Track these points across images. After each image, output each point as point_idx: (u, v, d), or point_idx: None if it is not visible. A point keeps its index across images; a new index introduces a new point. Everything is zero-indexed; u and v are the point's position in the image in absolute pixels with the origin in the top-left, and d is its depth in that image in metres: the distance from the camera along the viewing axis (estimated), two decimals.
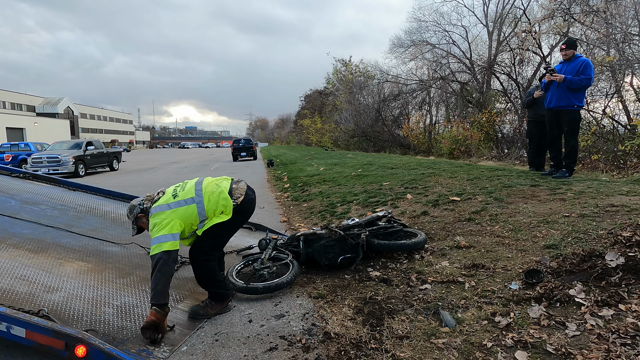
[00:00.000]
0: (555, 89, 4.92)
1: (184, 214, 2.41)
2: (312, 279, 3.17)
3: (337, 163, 12.12)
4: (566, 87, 4.77)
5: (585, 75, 4.68)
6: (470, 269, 2.88)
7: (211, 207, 2.48)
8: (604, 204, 3.51)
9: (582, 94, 4.93)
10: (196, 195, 2.48)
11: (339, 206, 5.82)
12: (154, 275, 2.22)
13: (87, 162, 14.88)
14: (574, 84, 4.68)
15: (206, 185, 2.56)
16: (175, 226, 2.34)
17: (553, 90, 4.96)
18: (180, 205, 2.43)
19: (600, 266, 2.35)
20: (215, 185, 2.58)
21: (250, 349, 2.14)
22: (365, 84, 26.48)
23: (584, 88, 4.81)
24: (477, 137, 13.44)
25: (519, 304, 2.29)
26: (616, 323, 1.91)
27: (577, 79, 4.67)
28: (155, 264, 2.23)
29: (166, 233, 2.29)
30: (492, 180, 5.44)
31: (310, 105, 43.12)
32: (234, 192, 2.58)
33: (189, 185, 2.57)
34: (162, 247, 2.25)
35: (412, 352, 1.98)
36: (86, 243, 3.39)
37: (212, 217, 2.50)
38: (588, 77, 4.68)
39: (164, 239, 2.28)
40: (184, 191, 2.52)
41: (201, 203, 2.47)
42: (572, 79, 4.69)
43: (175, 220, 2.36)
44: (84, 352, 1.96)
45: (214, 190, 2.53)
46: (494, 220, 3.70)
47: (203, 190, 2.52)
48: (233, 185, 2.63)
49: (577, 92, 4.81)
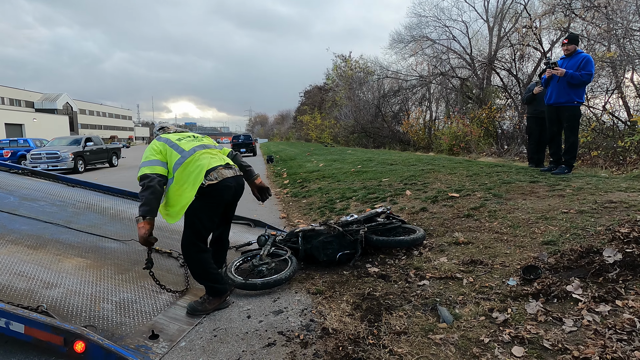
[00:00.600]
0: (555, 84, 4.91)
1: (170, 155, 2.56)
2: (310, 275, 3.18)
3: (337, 159, 12.11)
4: (566, 82, 4.76)
5: (586, 70, 4.67)
6: (469, 265, 2.88)
7: (184, 173, 2.50)
8: (603, 200, 3.52)
9: (582, 90, 4.92)
10: (187, 152, 2.57)
11: (338, 202, 5.82)
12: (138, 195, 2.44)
13: (87, 158, 14.87)
14: (575, 79, 4.67)
15: (202, 153, 2.60)
16: (155, 156, 2.54)
17: (553, 86, 4.95)
18: (172, 148, 2.58)
19: (597, 262, 2.35)
20: (209, 158, 2.60)
21: (248, 345, 2.15)
22: (365, 80, 26.40)
23: (584, 84, 4.80)
24: (476, 133, 13.43)
25: (517, 300, 2.30)
26: (613, 319, 1.92)
27: (577, 74, 4.66)
28: (140, 186, 2.45)
29: (144, 160, 2.54)
30: (491, 176, 5.44)
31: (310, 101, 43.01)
32: (214, 173, 2.52)
33: (195, 142, 2.68)
34: (140, 171, 2.48)
35: (409, 347, 1.99)
36: (85, 239, 3.39)
37: (179, 183, 2.49)
38: (589, 73, 4.67)
39: (142, 165, 2.51)
40: (187, 143, 2.63)
41: (181, 161, 2.53)
42: (573, 73, 4.67)
43: (160, 155, 2.55)
44: (82, 348, 1.97)
45: (202, 163, 2.53)
46: (493, 217, 3.71)
47: (196, 154, 2.58)
48: (220, 166, 2.58)
49: (578, 88, 4.80)
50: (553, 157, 5.40)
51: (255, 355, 2.03)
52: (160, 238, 3.76)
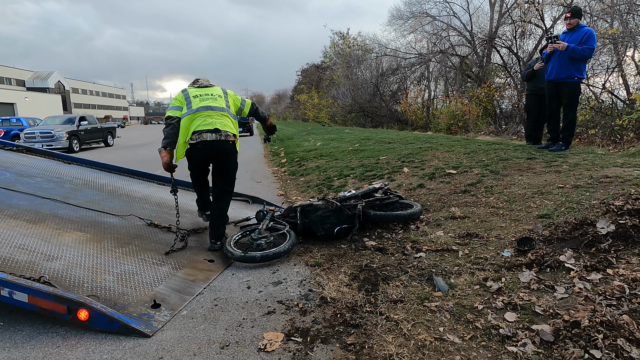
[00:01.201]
0: (556, 60, 4.85)
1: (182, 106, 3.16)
2: (309, 248, 3.22)
3: (334, 138, 12.04)
4: (567, 58, 4.70)
5: (587, 45, 4.61)
6: (464, 238, 2.93)
7: (183, 126, 3.07)
8: (599, 175, 3.55)
9: (583, 66, 4.87)
10: (191, 110, 3.09)
11: (335, 180, 5.83)
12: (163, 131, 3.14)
13: (81, 137, 14.69)
14: (577, 53, 4.61)
15: (201, 114, 3.07)
16: (176, 104, 3.21)
17: (554, 61, 4.89)
18: (186, 101, 3.15)
19: (591, 234, 2.40)
20: (203, 120, 3.04)
21: (249, 313, 2.20)
22: (363, 58, 25.91)
23: (585, 58, 4.76)
24: (475, 113, 13.33)
25: (511, 270, 2.35)
26: (603, 286, 1.97)
27: (579, 49, 4.60)
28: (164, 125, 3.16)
29: (170, 106, 3.23)
30: (489, 153, 5.45)
31: (307, 80, 42.31)
32: (196, 135, 3.01)
33: (203, 103, 3.12)
34: (166, 114, 3.18)
35: (405, 314, 2.05)
36: (84, 214, 3.40)
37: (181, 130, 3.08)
38: (590, 48, 4.61)
39: (168, 109, 3.21)
40: (198, 103, 3.12)
41: (185, 115, 3.09)
42: (574, 47, 4.61)
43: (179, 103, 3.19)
44: (86, 316, 2.02)
45: (193, 123, 3.05)
46: (489, 192, 3.74)
47: (196, 114, 3.06)
48: (205, 130, 3.01)
49: (578, 63, 4.75)
50: (551, 134, 5.39)
51: (256, 323, 2.09)
52: (160, 214, 3.79)
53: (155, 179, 4.87)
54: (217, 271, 2.81)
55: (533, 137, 6.26)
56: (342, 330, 1.97)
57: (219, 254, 3.10)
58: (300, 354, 1.80)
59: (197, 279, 2.64)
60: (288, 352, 1.82)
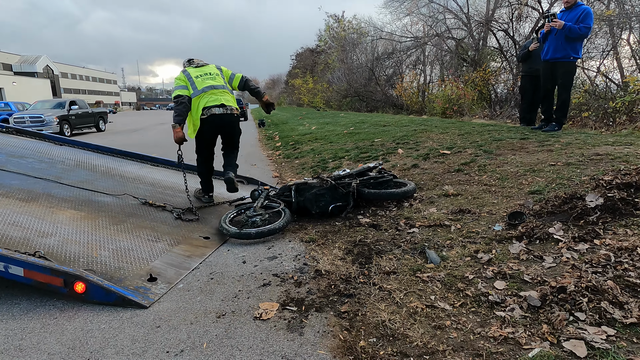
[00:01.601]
0: (553, 39, 4.81)
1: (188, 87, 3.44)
2: (303, 226, 3.25)
3: (329, 122, 11.98)
4: (564, 37, 4.68)
5: (585, 24, 4.58)
6: (457, 214, 2.98)
7: (194, 106, 3.42)
8: (590, 153, 3.59)
9: (580, 45, 4.85)
10: (198, 91, 3.41)
11: (330, 162, 5.84)
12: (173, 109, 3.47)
13: (72, 122, 14.44)
14: (573, 32, 4.58)
15: (208, 94, 3.41)
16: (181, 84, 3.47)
17: (551, 40, 4.86)
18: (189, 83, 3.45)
19: (580, 207, 2.45)
20: (210, 97, 3.40)
21: (244, 285, 2.23)
22: (359, 41, 25.56)
23: (582, 37, 4.74)
24: (470, 96, 13.31)
25: (501, 243, 2.40)
26: (590, 255, 2.03)
27: (576, 27, 4.57)
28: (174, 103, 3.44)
29: (175, 86, 3.49)
30: (483, 134, 5.47)
31: (302, 64, 41.70)
32: (206, 110, 3.37)
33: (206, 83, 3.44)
34: (174, 93, 3.45)
35: (398, 284, 2.10)
36: (77, 193, 3.38)
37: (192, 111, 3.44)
38: (587, 26, 4.58)
39: (175, 89, 3.47)
40: (202, 82, 3.44)
41: (193, 95, 3.42)
42: (571, 26, 4.58)
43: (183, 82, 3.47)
44: (83, 288, 2.04)
45: (202, 101, 3.39)
46: (482, 171, 3.78)
47: (203, 94, 3.41)
48: (214, 106, 3.38)
49: (575, 43, 4.72)
50: (545, 115, 5.41)
51: (251, 294, 2.12)
52: (154, 194, 3.78)
53: (148, 160, 4.84)
54: (213, 247, 2.83)
55: (527, 118, 6.28)
56: (336, 299, 2.02)
57: (214, 231, 3.12)
58: (295, 321, 1.84)
59: (193, 255, 2.66)
60: (283, 320, 1.86)
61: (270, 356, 1.60)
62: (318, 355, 1.60)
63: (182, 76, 3.48)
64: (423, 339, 1.63)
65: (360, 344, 1.63)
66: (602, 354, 1.40)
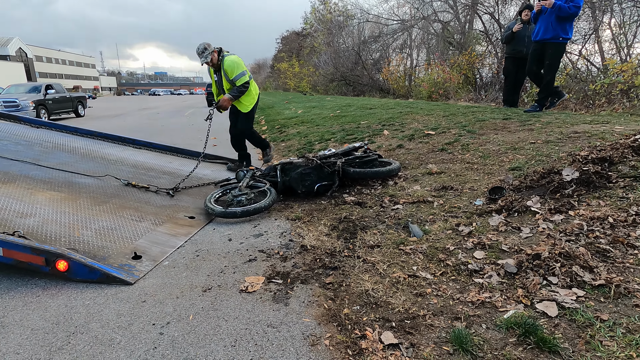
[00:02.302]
0: (543, 19, 4.81)
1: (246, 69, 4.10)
2: (289, 205, 3.27)
3: (316, 106, 11.90)
4: (555, 17, 4.68)
5: (574, 3, 4.60)
6: (440, 191, 3.04)
7: (251, 87, 4.15)
8: (568, 131, 3.69)
9: (570, 26, 4.84)
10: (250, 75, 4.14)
11: (317, 144, 5.83)
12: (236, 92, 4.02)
13: (49, 107, 13.91)
14: (563, 10, 4.59)
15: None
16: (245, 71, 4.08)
17: (541, 22, 4.86)
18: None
19: (556, 181, 2.53)
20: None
21: (230, 261, 2.25)
22: (345, 24, 25.18)
23: (572, 16, 4.74)
24: (456, 80, 13.37)
25: (481, 216, 2.47)
26: (564, 225, 2.11)
27: (566, 6, 4.58)
28: (241, 88, 4.01)
29: (243, 70, 4.01)
30: (467, 115, 5.54)
31: (288, 48, 40.92)
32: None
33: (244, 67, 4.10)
34: (243, 79, 4.00)
35: (382, 257, 2.15)
36: (57, 175, 3.30)
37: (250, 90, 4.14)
38: (577, 5, 4.60)
39: (243, 74, 4.00)
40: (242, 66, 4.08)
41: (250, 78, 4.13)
42: (561, 4, 4.58)
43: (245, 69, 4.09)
44: (65, 267, 2.01)
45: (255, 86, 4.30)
46: (465, 150, 3.84)
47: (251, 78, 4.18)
48: None
49: (565, 22, 4.73)
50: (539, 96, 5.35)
51: (237, 269, 2.14)
52: (138, 175, 3.72)
53: (130, 142, 4.74)
54: (198, 227, 2.82)
55: (510, 100, 6.37)
56: (321, 272, 2.05)
57: (200, 211, 3.10)
58: (281, 293, 1.88)
59: (178, 234, 2.65)
60: (269, 292, 1.89)
61: (256, 325, 1.63)
62: (303, 322, 1.63)
63: (242, 62, 4.05)
64: (405, 305, 1.68)
65: (344, 312, 1.67)
66: (572, 312, 1.48)
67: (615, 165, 2.59)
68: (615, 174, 2.49)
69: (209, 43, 3.89)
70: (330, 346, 1.48)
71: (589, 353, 1.29)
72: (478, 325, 1.52)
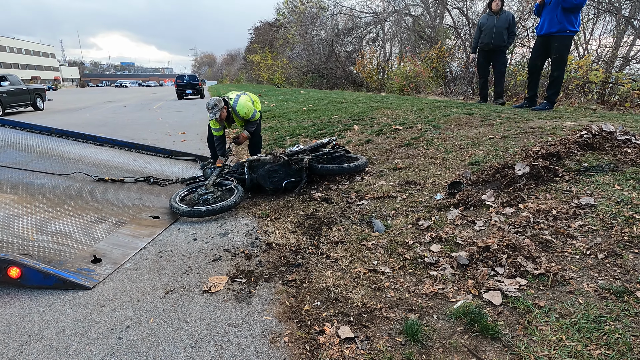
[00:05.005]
0: (548, 12, 4.65)
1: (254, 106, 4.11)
2: (257, 202, 3.27)
3: (289, 99, 11.83)
4: (561, 9, 4.52)
5: None
6: (404, 186, 3.14)
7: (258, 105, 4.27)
8: (524, 127, 3.88)
9: (576, 18, 4.63)
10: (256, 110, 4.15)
11: (287, 139, 5.83)
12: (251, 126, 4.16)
13: (4, 100, 13.04)
14: (568, 1, 4.42)
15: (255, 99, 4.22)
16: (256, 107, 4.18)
17: (545, 15, 4.68)
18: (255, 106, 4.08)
19: (510, 175, 2.68)
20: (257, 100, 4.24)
21: (194, 261, 2.24)
22: (318, 16, 25.02)
23: (577, 7, 4.54)
24: (426, 74, 13.66)
25: (440, 210, 2.58)
26: (514, 218, 2.25)
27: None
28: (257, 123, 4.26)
29: (255, 110, 4.08)
30: (434, 110, 5.70)
31: (261, 39, 40.18)
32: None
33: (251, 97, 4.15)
34: (257, 114, 4.13)
35: (344, 252, 2.21)
36: (9, 175, 3.13)
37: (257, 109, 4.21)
38: None
39: (256, 112, 4.11)
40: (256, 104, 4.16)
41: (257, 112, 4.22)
42: None
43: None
44: (18, 273, 1.94)
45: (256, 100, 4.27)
46: (430, 145, 3.97)
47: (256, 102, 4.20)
48: None
49: (571, 14, 4.53)
50: (529, 93, 5.31)
51: (201, 269, 2.14)
52: (99, 175, 3.60)
53: (91, 139, 4.55)
54: (163, 227, 2.78)
55: (484, 94, 6.55)
56: (284, 270, 2.09)
57: (165, 211, 3.05)
58: (244, 292, 1.90)
59: (141, 235, 2.61)
60: (232, 291, 1.91)
61: (217, 325, 1.65)
62: (264, 321, 1.67)
63: (250, 100, 4.19)
64: (363, 299, 1.75)
65: (305, 308, 1.72)
66: (514, 300, 1.60)
67: (562, 160, 2.77)
68: (561, 168, 2.66)
69: (219, 99, 3.84)
70: (290, 342, 1.52)
71: (525, 338, 1.41)
72: (430, 316, 1.61)
